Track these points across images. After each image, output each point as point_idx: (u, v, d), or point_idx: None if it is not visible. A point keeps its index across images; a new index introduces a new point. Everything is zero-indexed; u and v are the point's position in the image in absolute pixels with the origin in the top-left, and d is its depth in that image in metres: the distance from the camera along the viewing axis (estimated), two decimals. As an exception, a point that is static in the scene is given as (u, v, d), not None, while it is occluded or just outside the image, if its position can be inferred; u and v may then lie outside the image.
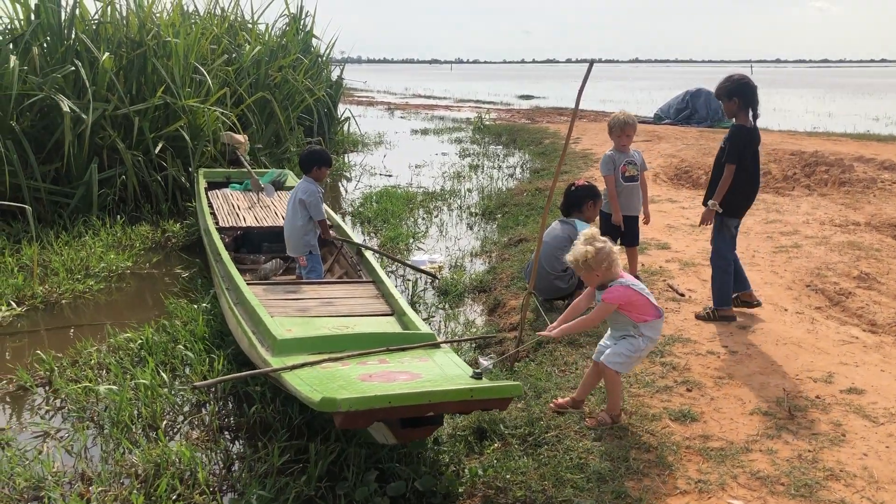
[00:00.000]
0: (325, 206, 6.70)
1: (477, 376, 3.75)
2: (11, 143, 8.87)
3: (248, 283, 5.64)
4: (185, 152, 10.63)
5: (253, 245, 8.16)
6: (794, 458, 3.61)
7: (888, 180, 10.75)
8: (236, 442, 4.29)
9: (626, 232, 6.31)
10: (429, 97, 42.86)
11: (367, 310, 5.28)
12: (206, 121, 11.02)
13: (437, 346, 4.39)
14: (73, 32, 10.12)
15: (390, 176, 14.01)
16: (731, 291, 5.59)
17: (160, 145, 10.28)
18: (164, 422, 4.38)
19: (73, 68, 9.67)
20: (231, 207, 8.71)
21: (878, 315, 5.65)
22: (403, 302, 5.22)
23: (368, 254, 6.58)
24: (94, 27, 10.69)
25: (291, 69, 14.77)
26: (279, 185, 9.87)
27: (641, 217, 6.41)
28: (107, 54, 9.89)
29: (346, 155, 16.89)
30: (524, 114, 27.99)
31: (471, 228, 9.78)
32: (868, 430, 3.88)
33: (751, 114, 5.33)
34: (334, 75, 18.39)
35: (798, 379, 4.52)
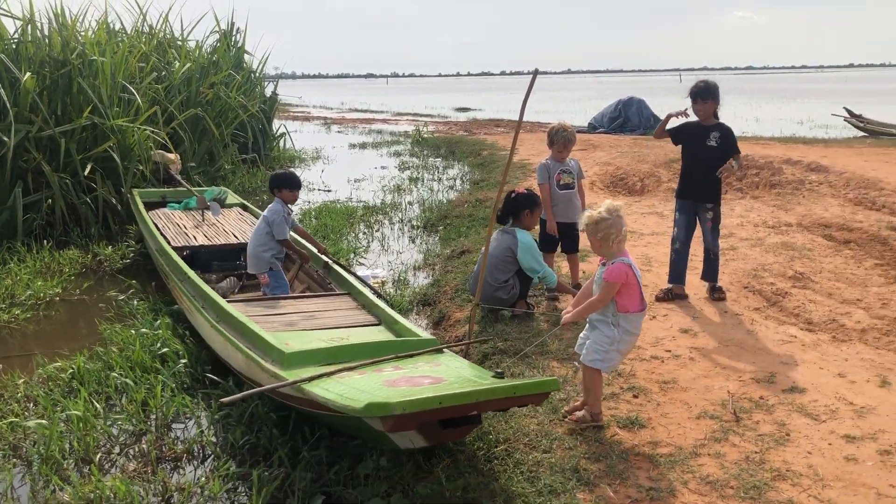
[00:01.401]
0: (299, 226, 6.82)
1: (499, 375, 3.78)
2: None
3: (231, 301, 5.54)
4: (116, 173, 10.31)
5: (202, 264, 7.97)
6: (742, 461, 3.62)
7: (815, 181, 11.07)
8: (176, 472, 4.12)
9: (564, 239, 6.33)
10: (366, 111, 42.72)
11: (354, 321, 5.26)
12: (137, 140, 10.72)
13: (440, 350, 4.39)
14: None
15: (329, 191, 13.86)
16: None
17: (89, 167, 9.95)
18: (99, 455, 4.18)
19: (-7, 89, 9.31)
20: (177, 227, 8.50)
21: (814, 314, 5.77)
22: (391, 311, 5.24)
23: (337, 267, 6.52)
24: (14, 46, 10.31)
25: (224, 86, 14.52)
26: (221, 203, 9.68)
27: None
28: (28, 74, 9.54)
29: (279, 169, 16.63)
30: (462, 126, 28.09)
31: (413, 241, 9.72)
32: (811, 429, 3.93)
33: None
34: (268, 91, 18.17)
35: (741, 380, 4.56)
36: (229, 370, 5.03)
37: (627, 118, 21.74)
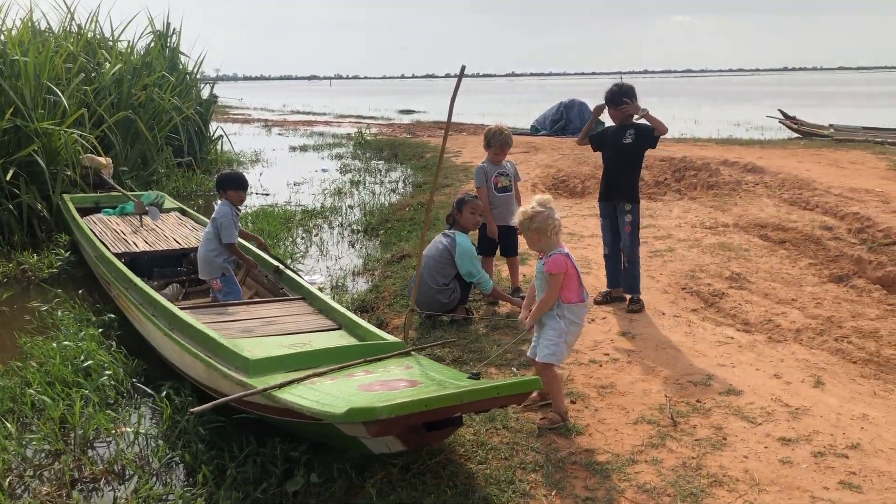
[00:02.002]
0: (242, 230, 6.57)
1: (474, 377, 3.73)
2: None
3: (186, 307, 5.37)
4: (42, 178, 9.91)
5: (143, 271, 7.69)
6: (679, 467, 3.57)
7: (751, 182, 11.22)
8: (93, 494, 3.90)
9: (503, 243, 6.25)
10: (308, 113, 42.24)
11: (314, 325, 5.14)
12: (63, 144, 10.31)
13: (408, 353, 4.29)
14: None
15: (267, 195, 13.58)
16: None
17: (11, 171, 9.53)
18: (9, 479, 3.94)
19: None
20: (115, 233, 8.19)
21: (750, 314, 5.79)
22: (352, 315, 5.11)
23: (290, 272, 6.34)
24: (-69, 46, 9.84)
25: (157, 88, 14.11)
26: (158, 208, 9.37)
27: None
28: (-56, 75, 9.10)
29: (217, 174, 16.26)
30: (405, 128, 27.93)
31: (353, 246, 9.54)
32: (747, 432, 3.90)
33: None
34: (205, 93, 17.76)
35: (678, 384, 4.53)
36: (185, 380, 4.83)
37: (569, 120, 21.85)
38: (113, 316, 6.30)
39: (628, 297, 6.03)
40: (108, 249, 7.36)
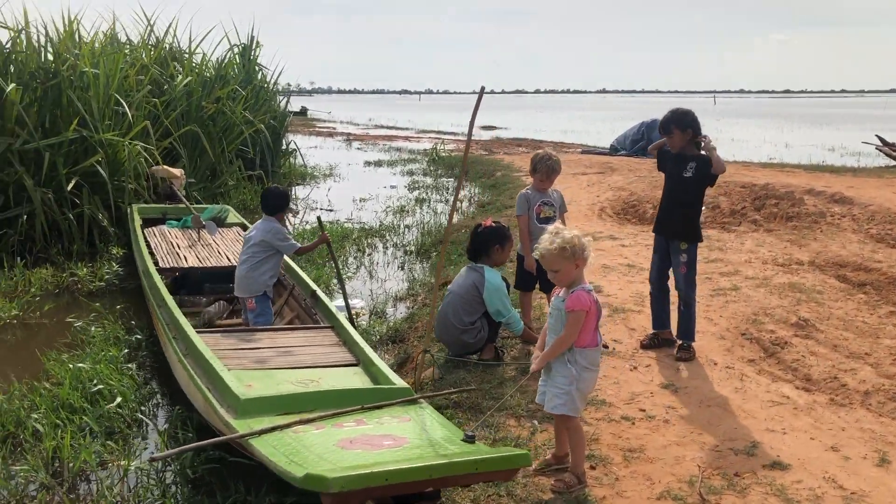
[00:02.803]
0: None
1: (469, 439, 3.34)
2: None
3: (200, 332, 5.15)
4: (105, 189, 10.02)
5: (193, 286, 7.67)
6: (700, 559, 3.09)
7: (837, 214, 10.42)
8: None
9: (542, 277, 5.81)
10: (391, 128, 42.51)
11: (331, 359, 4.86)
12: (127, 155, 10.41)
13: (416, 401, 3.97)
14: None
15: (332, 210, 13.47)
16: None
17: (73, 181, 9.65)
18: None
19: (-25, 100, 9.06)
20: (170, 246, 8.18)
21: (814, 369, 5.19)
22: (370, 351, 4.82)
23: (324, 297, 6.11)
24: (5, 57, 10.07)
25: (230, 100, 14.22)
26: (220, 222, 9.35)
27: None
28: (13, 85, 9.28)
29: (291, 188, 16.32)
30: (482, 145, 27.64)
31: (402, 269, 9.25)
32: (789, 519, 3.38)
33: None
34: (290, 106, 17.87)
35: (718, 451, 4.01)
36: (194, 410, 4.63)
37: (650, 141, 21.02)
38: (140, 336, 6.17)
39: (679, 342, 5.51)
40: (156, 263, 7.33)
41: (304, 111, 54.10)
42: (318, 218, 6.10)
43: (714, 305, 6.57)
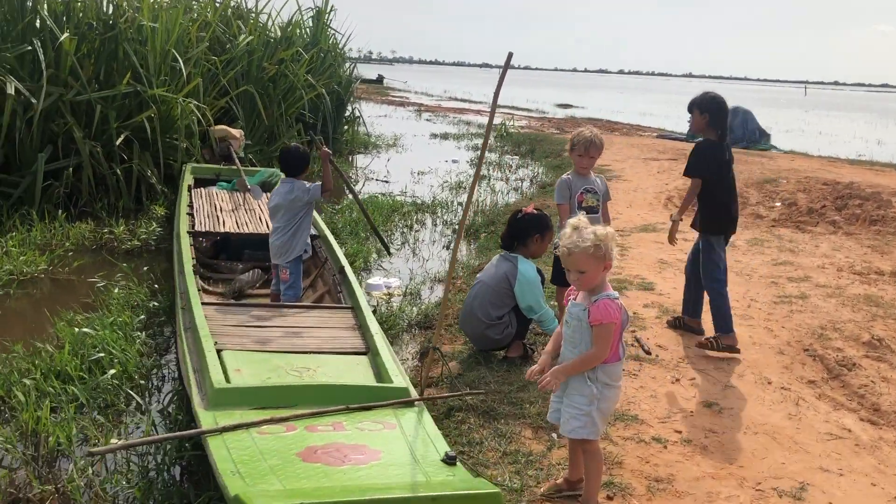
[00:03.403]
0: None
1: (450, 461, 2.93)
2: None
3: (207, 304, 4.87)
4: (157, 146, 9.86)
5: (233, 252, 7.43)
6: None
7: (928, 221, 9.53)
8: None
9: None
10: (465, 101, 41.91)
11: (339, 345, 4.46)
12: (180, 112, 10.23)
13: (411, 403, 3.54)
14: (35, 9, 9.37)
15: (387, 182, 13.10)
16: (730, 315, 5.13)
17: (122, 136, 9.50)
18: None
19: (30, 48, 8.94)
20: (212, 209, 7.94)
21: (884, 398, 4.57)
22: (381, 339, 4.42)
23: (351, 275, 5.73)
24: (64, 6, 9.94)
25: (294, 62, 13.94)
26: (269, 187, 9.09)
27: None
28: (66, 35, 9.13)
29: (350, 157, 16.03)
30: (556, 123, 26.93)
31: (447, 248, 8.81)
32: (834, 585, 2.86)
33: (717, 133, 5.19)
34: (354, 72, 17.52)
35: (759, 490, 3.49)
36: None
37: (730, 129, 20.01)
38: (158, 304, 5.92)
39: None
40: (192, 225, 7.10)
41: (380, 79, 53.96)
42: (311, 134, 5.66)
43: (776, 314, 5.95)
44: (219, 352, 4.08)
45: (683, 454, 3.77)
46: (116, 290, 6.25)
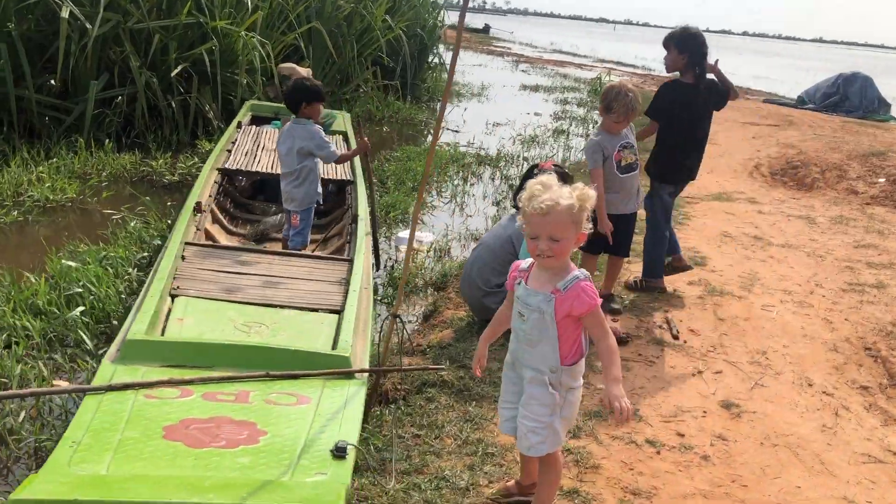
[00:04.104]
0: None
1: (339, 453, 2.47)
2: (6, 47, 8.10)
3: (193, 244, 4.56)
4: (216, 80, 9.63)
5: (271, 193, 7.15)
6: None
7: None
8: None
9: (616, 237, 4.68)
10: (569, 54, 40.46)
11: (315, 300, 4.02)
12: (242, 47, 9.95)
13: (351, 375, 3.07)
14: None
15: (457, 132, 12.54)
16: (662, 263, 5.12)
17: (180, 67, 9.29)
18: None
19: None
20: (254, 147, 7.65)
21: (950, 416, 3.82)
22: (357, 297, 3.95)
23: (363, 226, 5.31)
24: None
25: (371, 1, 13.46)
26: (323, 129, 8.76)
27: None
28: (126, -42, 8.92)
29: (430, 104, 15.50)
30: (658, 80, 25.51)
31: (496, 205, 8.24)
32: None
33: (694, 74, 4.86)
34: (441, 17, 16.91)
35: (759, 518, 2.88)
36: None
37: (846, 96, 18.42)
38: (160, 242, 5.65)
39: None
40: (225, 162, 6.81)
41: (486, 29, 52.89)
42: (357, 117, 5.15)
43: (842, 304, 5.17)
44: (174, 297, 3.73)
45: (678, 463, 3.19)
46: (133, 224, 6.03)
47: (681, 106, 4.90)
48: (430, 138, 11.63)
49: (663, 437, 3.36)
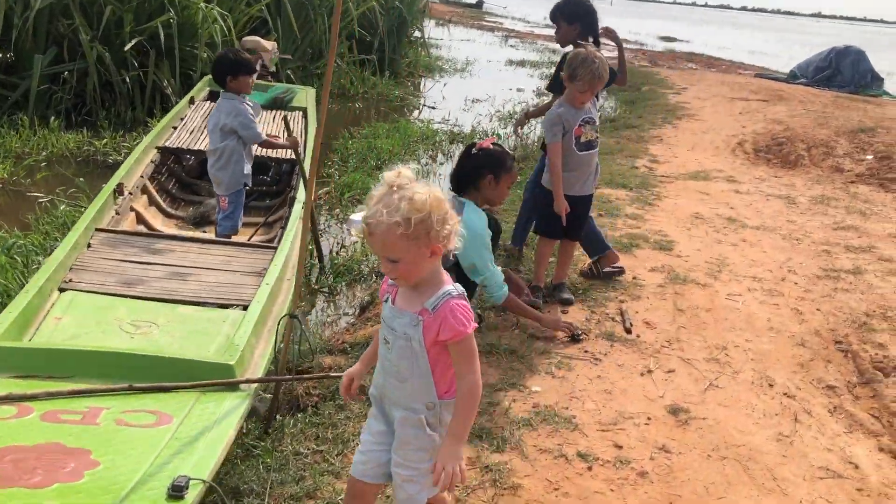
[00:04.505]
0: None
1: (175, 493, 2.07)
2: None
3: (103, 230, 4.16)
4: (174, 55, 9.18)
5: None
6: None
7: None
8: None
9: (572, 224, 4.30)
10: (562, 29, 39.73)
11: (226, 294, 3.66)
12: (201, 19, 9.48)
13: (235, 387, 2.69)
14: None
15: (433, 108, 12.11)
16: (600, 235, 4.80)
17: (134, 41, 8.83)
18: None
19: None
20: (203, 124, 7.22)
21: (923, 421, 3.46)
22: (265, 293, 3.54)
23: (298, 206, 4.91)
24: None
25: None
26: (282, 104, 8.35)
27: None
28: (73, -75, 8.45)
29: (410, 81, 15.04)
30: (650, 56, 25.08)
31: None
32: None
33: (591, 41, 4.59)
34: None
35: (693, 548, 2.53)
36: None
37: (838, 70, 17.95)
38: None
39: None
40: (166, 141, 6.40)
41: (479, 4, 52.15)
42: (284, 118, 4.81)
43: (815, 292, 4.81)
44: (62, 291, 3.36)
45: (610, 481, 2.83)
46: (63, 208, 5.64)
47: None
48: (412, 114, 11.21)
49: (598, 449, 3.00)
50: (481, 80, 16.27)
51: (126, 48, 8.71)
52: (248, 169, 4.88)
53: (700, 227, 6.01)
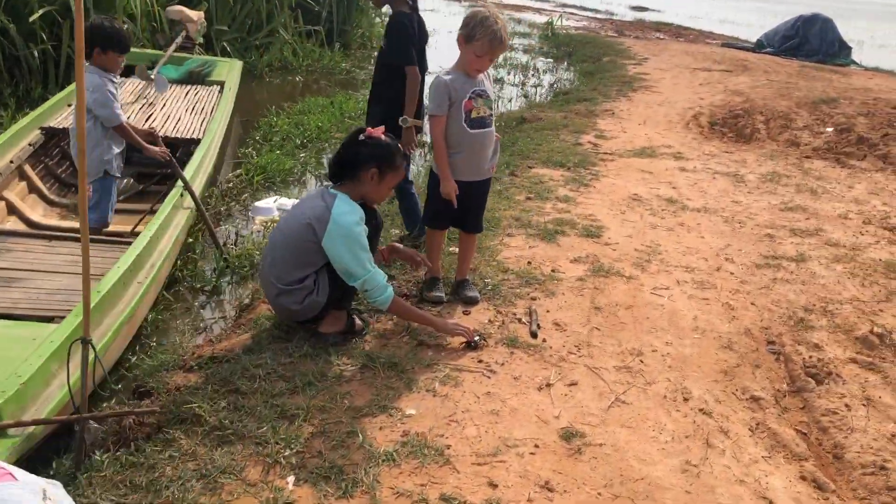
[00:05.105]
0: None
1: None
2: None
3: None
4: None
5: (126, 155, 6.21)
6: None
7: None
8: None
9: (464, 208, 3.81)
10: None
11: (50, 304, 3.18)
12: (118, -12, 8.84)
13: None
14: None
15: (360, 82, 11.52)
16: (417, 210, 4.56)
17: (41, 11, 8.18)
18: None
19: None
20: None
21: (855, 437, 3.02)
22: (95, 301, 2.99)
23: (176, 191, 4.43)
24: None
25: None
26: (199, 78, 7.80)
27: None
28: None
29: (360, 52, 14.39)
30: (616, 25, 24.51)
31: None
32: None
33: (409, 3, 4.46)
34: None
35: None
36: None
37: (805, 39, 17.50)
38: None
39: None
40: (56, 121, 5.85)
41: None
42: (152, 130, 4.33)
43: (751, 284, 4.36)
44: None
45: (473, 532, 2.36)
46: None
47: (420, 39, 4.63)
48: (360, 90, 10.61)
49: (467, 490, 2.53)
50: (438, 52, 15.61)
51: (31, 19, 8.07)
52: (110, 154, 4.33)
53: (635, 210, 5.54)
